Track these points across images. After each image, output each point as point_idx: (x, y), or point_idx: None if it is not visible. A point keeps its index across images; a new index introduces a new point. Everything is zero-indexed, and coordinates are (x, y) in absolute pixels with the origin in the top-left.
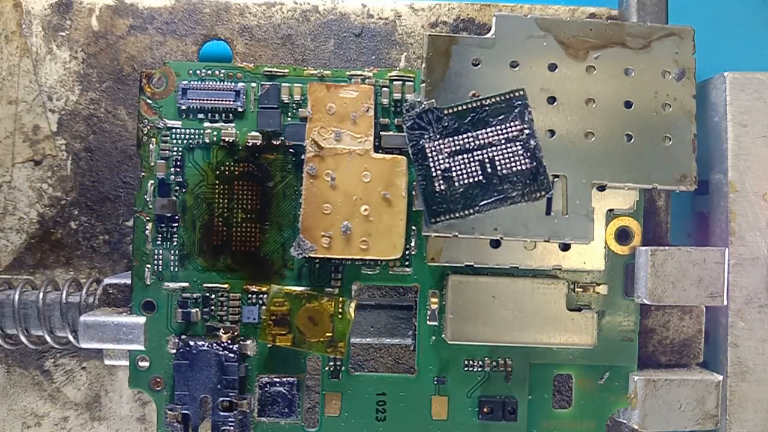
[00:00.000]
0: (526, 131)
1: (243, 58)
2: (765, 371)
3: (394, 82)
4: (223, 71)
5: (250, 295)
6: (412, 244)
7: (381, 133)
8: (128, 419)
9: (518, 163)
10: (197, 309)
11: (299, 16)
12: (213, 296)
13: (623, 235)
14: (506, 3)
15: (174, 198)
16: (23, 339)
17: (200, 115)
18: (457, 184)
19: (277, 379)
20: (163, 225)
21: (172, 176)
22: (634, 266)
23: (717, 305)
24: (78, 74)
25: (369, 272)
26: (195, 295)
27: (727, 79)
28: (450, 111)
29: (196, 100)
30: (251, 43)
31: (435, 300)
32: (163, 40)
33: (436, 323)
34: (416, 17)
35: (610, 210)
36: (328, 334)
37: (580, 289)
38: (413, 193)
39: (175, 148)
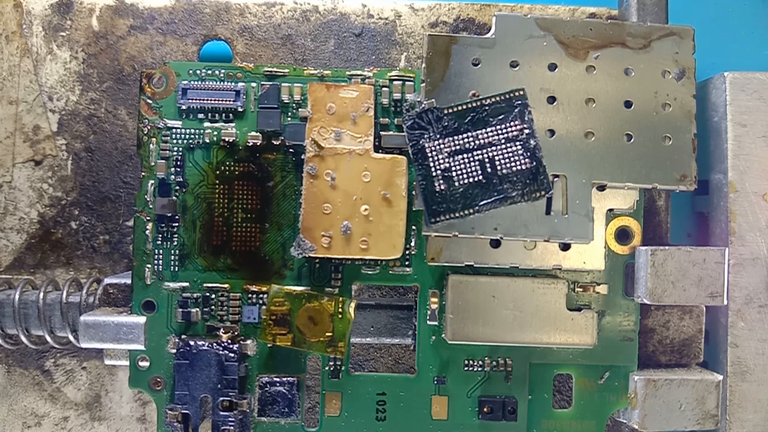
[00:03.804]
0: (526, 131)
1: (243, 58)
2: (765, 371)
3: (394, 82)
4: (223, 71)
5: (250, 295)
6: (412, 243)
7: (381, 132)
8: (128, 419)
9: (518, 162)
10: (197, 309)
11: (299, 16)
12: (213, 296)
13: (623, 235)
14: (506, 3)
15: (174, 198)
16: (23, 339)
17: (200, 115)
18: (457, 183)
19: (277, 379)
20: (163, 225)
21: (173, 176)
22: (634, 266)
23: (717, 305)
24: (78, 74)
25: (369, 272)
26: (195, 295)
27: (727, 79)
28: (450, 111)
29: (196, 100)
30: (251, 43)
31: (435, 300)
32: (164, 40)
33: (436, 323)
34: (416, 17)
35: (610, 210)
36: (328, 334)
37: (580, 289)
38: (413, 192)
39: (176, 148)
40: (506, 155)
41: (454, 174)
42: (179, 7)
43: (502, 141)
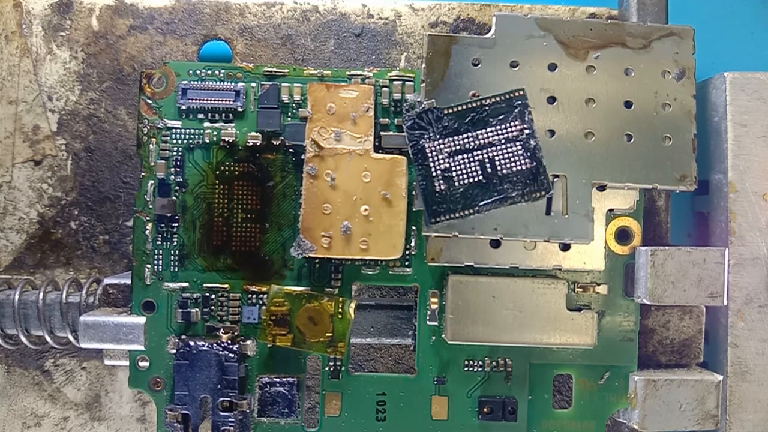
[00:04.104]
0: (526, 131)
1: (243, 58)
2: (765, 371)
3: (394, 82)
4: (223, 71)
5: (250, 295)
6: (412, 244)
7: (381, 133)
8: (128, 419)
9: (518, 163)
10: (197, 309)
11: (299, 16)
12: (213, 296)
13: (623, 235)
14: (506, 3)
15: (174, 198)
16: (23, 339)
17: (200, 115)
18: (457, 184)
19: (277, 379)
20: (163, 225)
21: (172, 176)
22: (634, 266)
23: (717, 305)
24: (78, 74)
25: (369, 272)
26: (195, 295)
27: (727, 79)
28: (450, 111)
29: (196, 100)
30: (251, 43)
31: (435, 300)
32: (163, 40)
33: (436, 323)
34: (416, 17)
35: (610, 210)
36: (328, 334)
37: (580, 289)
38: (413, 193)
39: (175, 148)
40: (506, 155)
41: (454, 174)
42: (179, 7)
43: (502, 141)
